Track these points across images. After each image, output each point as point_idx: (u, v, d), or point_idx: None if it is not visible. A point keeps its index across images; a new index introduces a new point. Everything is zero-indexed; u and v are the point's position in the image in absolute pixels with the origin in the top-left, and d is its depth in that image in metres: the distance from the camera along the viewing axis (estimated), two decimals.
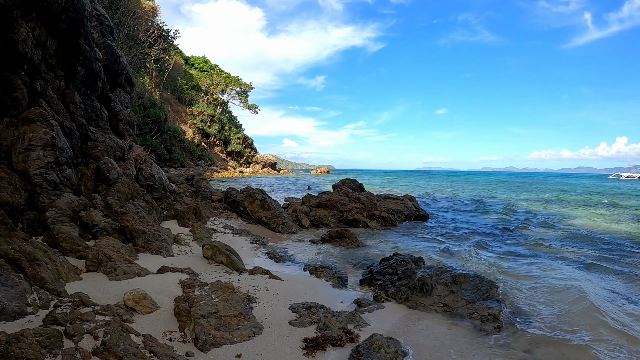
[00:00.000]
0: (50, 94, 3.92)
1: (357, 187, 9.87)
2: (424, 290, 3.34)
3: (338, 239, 5.64)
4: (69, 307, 2.19)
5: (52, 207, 3.40)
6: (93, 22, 5.12)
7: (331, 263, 4.50)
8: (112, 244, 3.28)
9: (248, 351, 2.10)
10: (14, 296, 2.09)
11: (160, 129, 12.60)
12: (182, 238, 4.44)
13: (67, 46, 4.19)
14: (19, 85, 3.59)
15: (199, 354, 2.03)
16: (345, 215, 7.45)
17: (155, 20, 21.00)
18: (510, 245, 6.14)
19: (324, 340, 2.30)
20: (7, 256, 2.45)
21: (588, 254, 5.51)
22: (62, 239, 3.14)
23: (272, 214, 6.90)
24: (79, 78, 4.49)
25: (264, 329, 2.38)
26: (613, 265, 4.91)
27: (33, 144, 3.45)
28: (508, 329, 2.82)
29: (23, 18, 3.41)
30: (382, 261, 4.02)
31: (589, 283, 4.03)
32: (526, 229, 8.07)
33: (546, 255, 5.42)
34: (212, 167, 30.78)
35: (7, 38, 3.34)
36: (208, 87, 39.42)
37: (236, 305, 2.46)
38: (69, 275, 2.68)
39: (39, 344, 1.70)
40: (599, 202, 16.44)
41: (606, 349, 2.53)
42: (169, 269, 3.18)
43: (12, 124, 3.49)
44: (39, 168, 3.45)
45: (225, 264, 3.68)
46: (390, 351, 2.18)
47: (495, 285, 3.47)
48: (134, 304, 2.34)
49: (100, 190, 4.18)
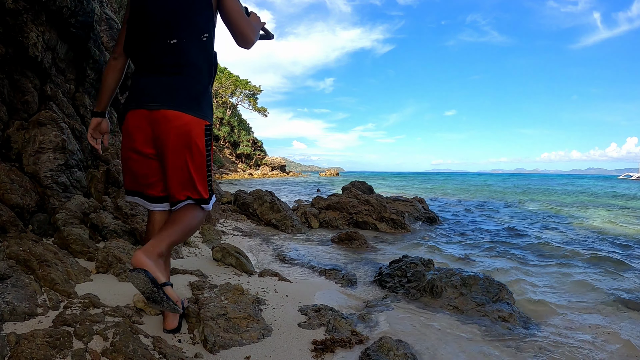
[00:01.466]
0: (60, 97, 3.96)
1: (366, 189, 9.85)
2: (433, 292, 3.31)
3: (347, 240, 5.62)
4: (78, 308, 2.20)
5: (63, 209, 3.42)
6: (103, 26, 5.17)
7: (340, 265, 4.48)
8: (122, 246, 3.29)
9: (257, 353, 2.09)
10: (24, 297, 2.10)
11: None
12: (191, 240, 4.45)
13: (77, 50, 4.23)
14: (29, 88, 3.62)
15: (207, 355, 2.03)
16: (355, 217, 7.42)
17: None
18: (521, 248, 6.07)
19: (333, 342, 2.28)
20: (17, 258, 2.47)
21: (603, 256, 5.42)
22: (73, 240, 3.16)
23: (282, 216, 6.90)
24: (88, 81, 4.53)
25: (273, 331, 2.37)
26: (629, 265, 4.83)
27: (44, 147, 3.48)
28: (519, 332, 2.78)
29: (33, 22, 3.45)
30: (392, 263, 3.99)
31: (604, 285, 3.97)
32: (536, 231, 7.99)
33: (558, 258, 5.35)
34: (221, 169, 30.90)
35: (17, 42, 3.38)
36: (217, 90, 39.62)
37: (245, 307, 2.46)
38: (79, 276, 2.69)
39: (49, 345, 1.71)
40: (611, 204, 16.23)
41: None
42: (178, 270, 3.19)
43: (23, 127, 3.53)
44: (50, 170, 3.48)
45: (234, 266, 3.68)
46: (400, 354, 2.16)
47: (505, 288, 3.43)
48: (143, 306, 2.35)
49: (110, 192, 4.21)
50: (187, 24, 1.87)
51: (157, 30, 1.86)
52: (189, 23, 1.87)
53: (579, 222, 9.76)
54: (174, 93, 1.82)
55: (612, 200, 18.37)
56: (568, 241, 6.74)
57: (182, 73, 1.85)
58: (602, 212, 12.75)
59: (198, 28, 1.89)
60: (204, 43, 1.90)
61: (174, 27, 1.85)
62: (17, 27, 3.34)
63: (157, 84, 1.84)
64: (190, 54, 1.86)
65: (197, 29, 1.89)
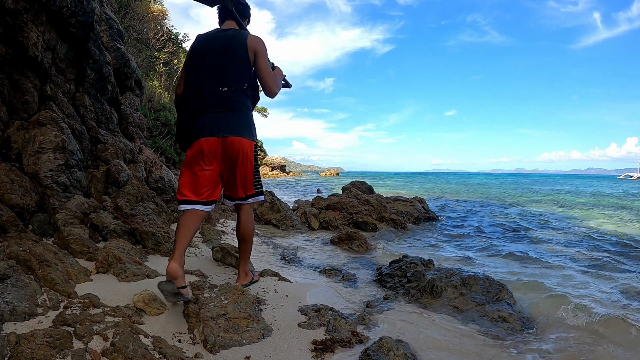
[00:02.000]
0: (60, 97, 3.96)
1: (366, 189, 9.84)
2: (433, 292, 3.31)
3: (347, 240, 5.62)
4: (78, 308, 2.20)
5: (63, 209, 3.42)
6: (102, 26, 5.17)
7: (340, 265, 4.48)
8: (122, 246, 3.29)
9: (257, 353, 2.09)
10: (24, 297, 2.10)
11: (169, 131, 12.68)
12: (191, 240, 4.44)
13: (77, 50, 4.23)
14: (29, 88, 3.62)
15: (208, 355, 2.03)
16: (355, 217, 7.42)
17: (164, 24, 21.13)
18: (521, 248, 6.07)
19: (333, 342, 2.28)
20: (17, 258, 2.47)
21: (604, 256, 5.42)
22: (73, 240, 3.16)
23: (282, 216, 6.90)
24: (88, 81, 4.53)
25: (273, 331, 2.37)
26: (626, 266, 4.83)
27: (44, 147, 3.48)
28: (519, 332, 2.78)
29: (33, 22, 3.45)
30: (392, 263, 3.99)
31: (605, 285, 3.97)
32: (537, 231, 7.99)
33: (559, 258, 5.35)
34: None
35: (17, 42, 3.38)
36: None
37: (245, 307, 2.45)
38: (79, 276, 2.70)
39: (49, 345, 1.71)
40: (610, 204, 16.23)
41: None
42: None
43: (23, 127, 3.53)
44: (50, 170, 3.48)
45: (234, 265, 3.68)
46: (400, 354, 2.16)
47: (505, 288, 3.43)
48: (143, 306, 2.35)
49: (110, 192, 4.21)
50: (234, 76, 2.59)
51: (211, 79, 2.56)
52: (234, 75, 2.59)
53: (579, 222, 9.76)
54: (234, 124, 2.55)
55: (613, 200, 18.37)
56: (569, 241, 6.74)
57: (236, 110, 2.57)
58: (603, 212, 12.75)
59: (241, 79, 2.61)
60: (245, 89, 2.63)
61: (224, 78, 2.56)
62: (17, 27, 3.34)
63: (219, 119, 2.53)
64: (237, 97, 2.59)
65: (240, 80, 2.61)
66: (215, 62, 2.58)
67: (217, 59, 2.58)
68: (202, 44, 2.66)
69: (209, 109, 2.54)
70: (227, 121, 2.53)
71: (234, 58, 2.58)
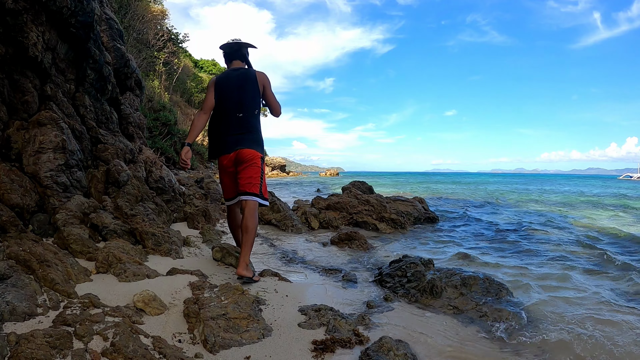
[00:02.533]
0: (60, 97, 3.96)
1: (366, 189, 9.82)
2: (433, 292, 3.31)
3: (347, 240, 5.61)
4: (78, 308, 2.20)
5: (63, 209, 3.42)
6: (102, 26, 5.17)
7: (340, 265, 4.48)
8: (122, 246, 3.29)
9: (257, 353, 2.09)
10: (24, 297, 2.10)
11: (169, 131, 12.70)
12: (191, 240, 4.45)
13: (77, 50, 4.23)
14: (29, 88, 3.63)
15: (208, 355, 2.02)
16: (355, 217, 7.42)
17: (164, 24, 21.15)
18: (521, 248, 6.06)
19: (333, 342, 2.28)
20: (17, 258, 2.47)
21: (604, 256, 5.42)
22: (72, 240, 3.16)
23: (282, 216, 6.90)
24: (88, 81, 4.53)
25: (273, 331, 2.37)
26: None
27: (44, 147, 3.48)
28: (519, 332, 2.78)
29: (33, 22, 3.45)
30: (392, 263, 3.99)
31: (605, 285, 3.97)
32: (537, 231, 7.98)
33: (559, 258, 5.35)
34: None
35: (17, 42, 3.38)
36: None
37: (245, 307, 2.45)
38: (79, 276, 2.69)
39: (49, 345, 1.71)
40: (611, 204, 16.23)
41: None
42: (178, 270, 3.19)
43: (23, 127, 3.53)
44: (50, 170, 3.48)
45: (234, 266, 3.67)
46: (400, 354, 2.16)
47: (505, 287, 3.43)
48: (143, 306, 2.35)
49: (110, 192, 4.21)
50: (248, 105, 3.35)
51: (231, 108, 3.34)
52: (249, 104, 3.35)
53: (579, 222, 9.75)
54: (247, 140, 3.32)
55: (614, 200, 18.37)
56: (569, 241, 6.74)
57: (249, 132, 3.34)
58: (603, 212, 12.75)
59: (253, 107, 3.38)
60: (256, 114, 3.42)
61: (241, 106, 3.33)
62: (17, 27, 3.34)
63: (236, 139, 3.31)
64: (250, 122, 3.36)
65: (253, 107, 3.38)
66: (234, 96, 3.34)
67: (235, 94, 3.34)
68: (224, 81, 3.39)
69: (230, 132, 3.32)
70: (242, 139, 3.31)
71: (248, 92, 3.35)
